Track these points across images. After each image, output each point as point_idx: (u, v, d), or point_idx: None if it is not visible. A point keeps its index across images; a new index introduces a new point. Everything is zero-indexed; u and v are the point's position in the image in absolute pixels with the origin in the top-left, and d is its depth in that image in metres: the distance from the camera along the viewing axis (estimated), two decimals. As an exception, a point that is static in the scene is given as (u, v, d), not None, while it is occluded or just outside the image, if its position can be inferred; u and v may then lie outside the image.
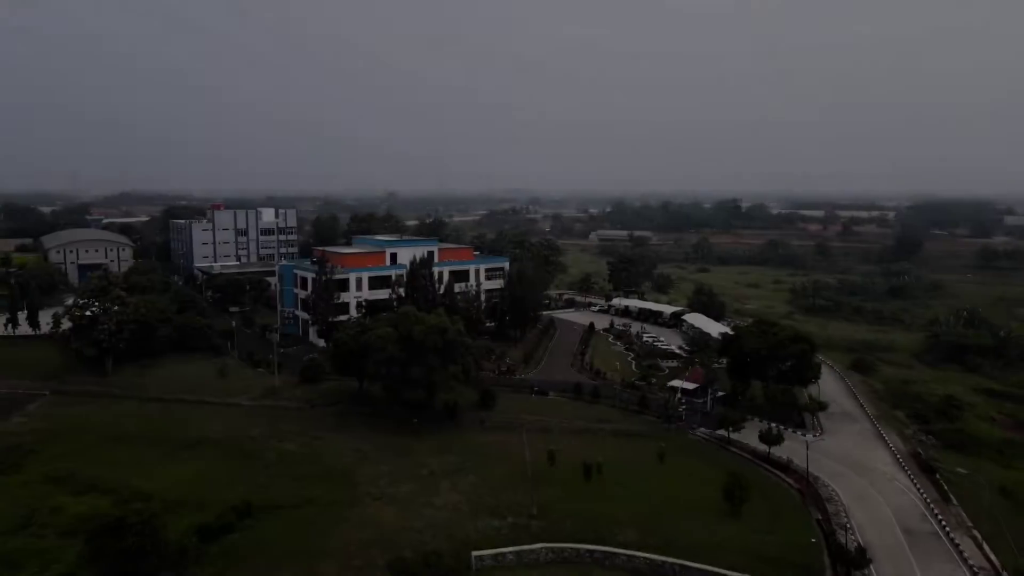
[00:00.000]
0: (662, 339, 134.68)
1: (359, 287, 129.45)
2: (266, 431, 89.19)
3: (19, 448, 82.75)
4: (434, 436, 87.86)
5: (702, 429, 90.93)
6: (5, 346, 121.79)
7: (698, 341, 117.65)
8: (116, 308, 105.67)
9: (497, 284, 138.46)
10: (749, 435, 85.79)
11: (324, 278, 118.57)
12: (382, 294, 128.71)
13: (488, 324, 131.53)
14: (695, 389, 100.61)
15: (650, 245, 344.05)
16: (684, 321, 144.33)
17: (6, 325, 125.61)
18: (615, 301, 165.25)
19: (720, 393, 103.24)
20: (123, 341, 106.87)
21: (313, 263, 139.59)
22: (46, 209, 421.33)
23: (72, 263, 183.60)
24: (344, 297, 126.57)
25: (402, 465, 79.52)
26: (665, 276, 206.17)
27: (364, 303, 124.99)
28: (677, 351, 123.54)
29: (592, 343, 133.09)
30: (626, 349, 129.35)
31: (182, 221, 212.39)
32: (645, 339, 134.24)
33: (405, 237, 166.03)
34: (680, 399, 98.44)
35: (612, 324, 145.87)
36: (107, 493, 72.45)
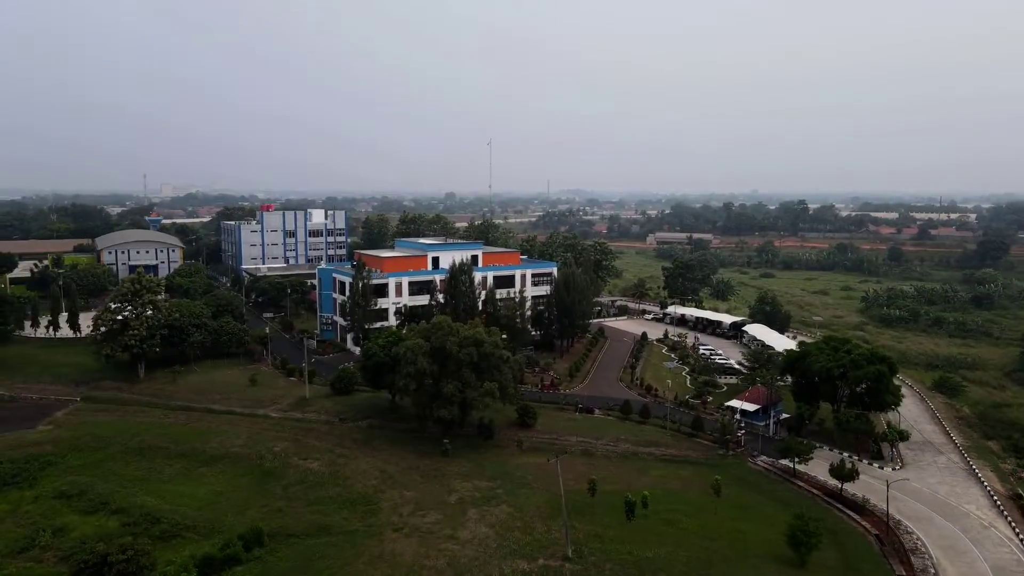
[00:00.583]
0: (720, 352, 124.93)
1: (399, 292, 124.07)
2: (291, 447, 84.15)
3: (38, 459, 79.72)
4: (466, 457, 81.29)
5: (763, 457, 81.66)
6: (46, 349, 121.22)
7: (760, 356, 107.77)
8: (148, 313, 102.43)
9: (544, 291, 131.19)
10: (818, 466, 76.27)
11: (361, 283, 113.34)
12: (423, 300, 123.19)
13: (533, 333, 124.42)
14: (756, 411, 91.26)
15: (710, 248, 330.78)
16: (745, 332, 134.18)
17: (47, 327, 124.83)
18: (670, 309, 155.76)
19: (784, 415, 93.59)
20: (155, 346, 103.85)
21: (352, 266, 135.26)
22: (115, 210, 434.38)
23: (123, 264, 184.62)
24: (383, 303, 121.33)
25: (429, 490, 73.07)
26: (725, 282, 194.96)
27: (403, 309, 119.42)
28: (736, 366, 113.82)
29: (644, 355, 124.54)
30: (680, 363, 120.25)
31: (232, 222, 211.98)
32: (701, 352, 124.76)
33: (449, 240, 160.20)
34: (739, 421, 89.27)
35: (666, 334, 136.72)
36: (117, 513, 68.72)
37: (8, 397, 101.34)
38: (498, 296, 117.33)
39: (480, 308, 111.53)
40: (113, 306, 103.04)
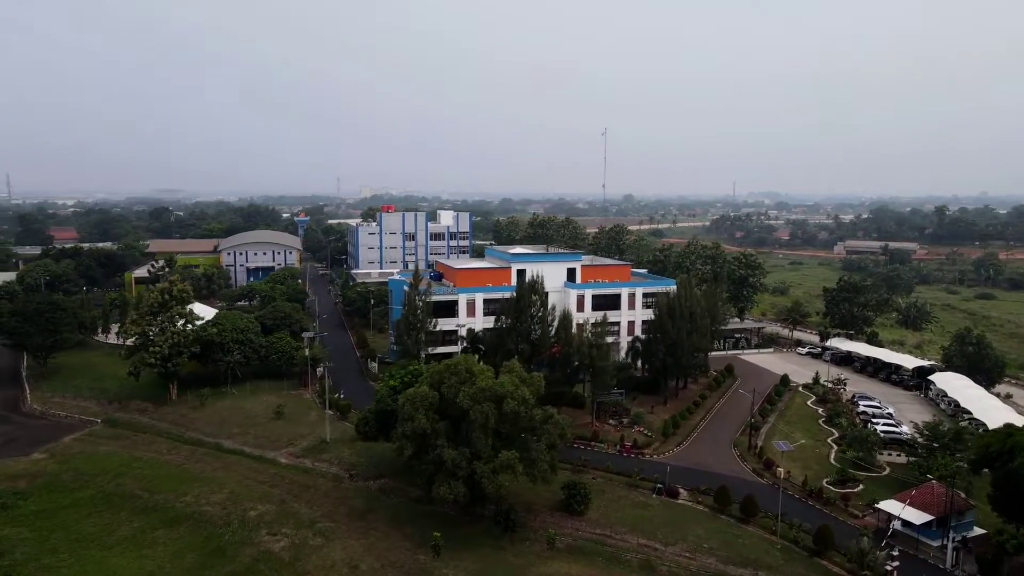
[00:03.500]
0: (890, 411, 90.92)
1: (471, 312, 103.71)
2: (272, 511, 67.04)
3: (-5, 501, 68.69)
4: (471, 556, 58.97)
5: (928, 613, 51.15)
6: (109, 357, 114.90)
7: (941, 431, 73.92)
8: (173, 328, 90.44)
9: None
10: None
11: (416, 299, 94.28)
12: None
13: (634, 370, 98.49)
14: (926, 523, 59.92)
15: (912, 259, 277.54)
16: (932, 384, 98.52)
17: (118, 335, 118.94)
18: (832, 343, 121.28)
19: (973, 532, 61.22)
20: (180, 365, 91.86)
21: (432, 279, 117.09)
22: (287, 212, 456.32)
23: (241, 266, 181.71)
24: (449, 323, 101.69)
25: (394, 611, 51.74)
26: (918, 305, 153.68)
27: (470, 332, 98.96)
28: (908, 437, 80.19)
29: (779, 408, 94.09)
30: (828, 421, 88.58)
31: (354, 223, 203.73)
32: (861, 409, 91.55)
33: (552, 250, 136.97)
34: (890, 545, 58.64)
35: (817, 378, 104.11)
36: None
37: (39, 412, 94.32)
38: (594, 321, 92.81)
39: (553, 336, 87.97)
40: (136, 316, 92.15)
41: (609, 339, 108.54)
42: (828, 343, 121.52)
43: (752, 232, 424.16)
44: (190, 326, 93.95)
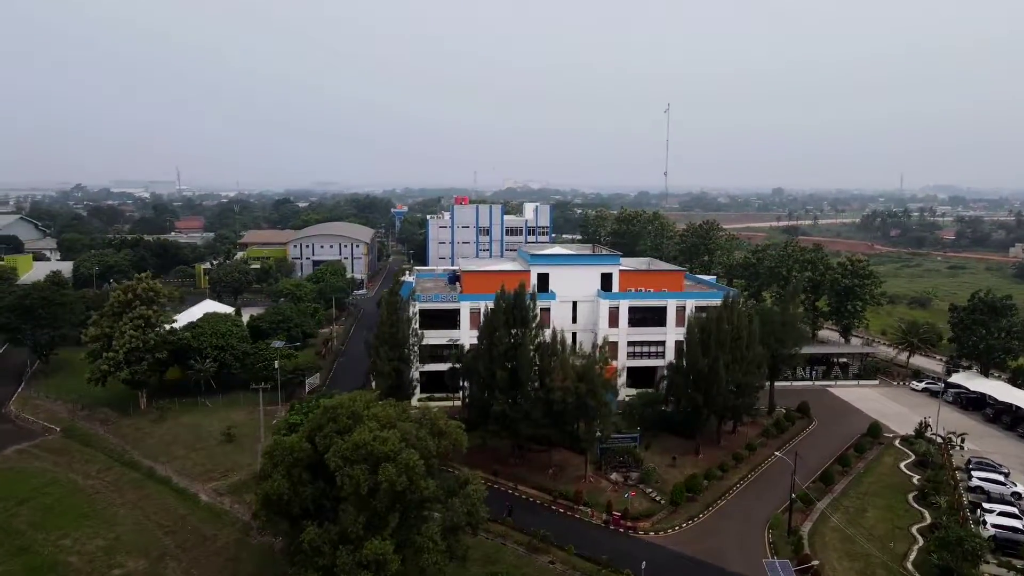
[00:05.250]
0: (1020, 490, 64.38)
1: (475, 323, 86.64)
2: (137, 572, 54.37)
3: None
4: None
5: None
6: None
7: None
8: (130, 332, 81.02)
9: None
10: None
11: (398, 304, 78.92)
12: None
13: (666, 406, 77.69)
14: None
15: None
16: (1092, 450, 70.07)
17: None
18: (959, 379, 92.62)
19: None
20: (140, 373, 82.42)
21: (449, 281, 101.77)
22: (406, 204, 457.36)
23: (307, 259, 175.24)
24: (438, 337, 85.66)
25: None
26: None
27: (458, 350, 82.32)
28: (1038, 537, 54.68)
29: (857, 469, 69.98)
30: (921, 498, 63.72)
31: (433, 216, 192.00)
32: (976, 482, 65.51)
33: (590, 250, 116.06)
34: None
35: (924, 426, 77.93)
36: None
37: (14, 415, 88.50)
38: (598, 343, 73.47)
39: (550, 366, 69.12)
40: (94, 317, 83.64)
41: (650, 362, 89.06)
42: (953, 378, 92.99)
43: (910, 230, 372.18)
44: (161, 329, 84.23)
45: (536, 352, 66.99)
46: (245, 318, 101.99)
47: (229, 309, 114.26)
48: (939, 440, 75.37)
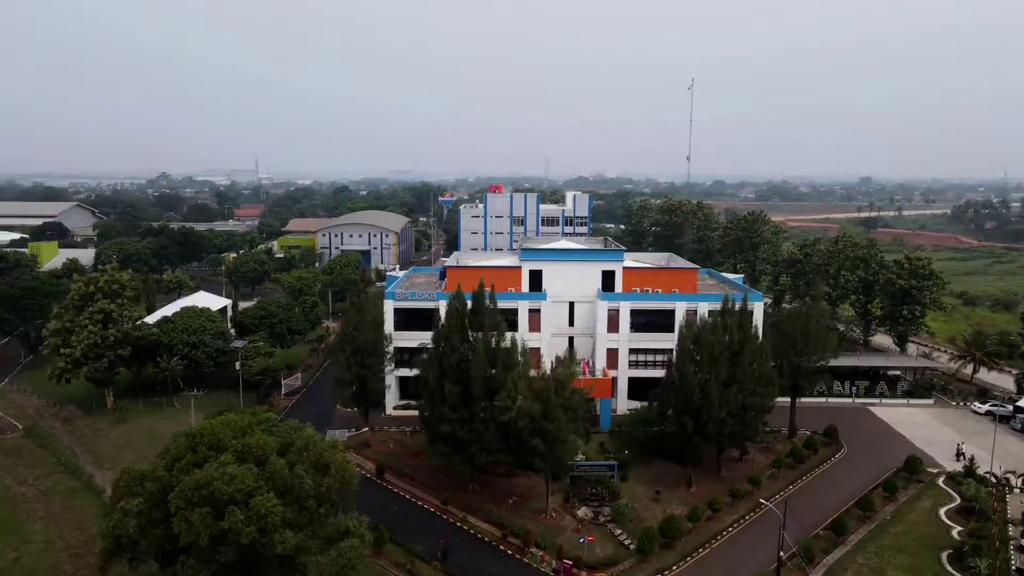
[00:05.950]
0: (1091, 554, 51.04)
1: (457, 325, 78.08)
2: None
3: None
4: None
5: None
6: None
7: None
8: (89, 328, 76.34)
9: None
10: None
11: (359, 307, 71.22)
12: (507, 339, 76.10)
13: (659, 427, 66.99)
14: None
15: None
16: None
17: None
18: (1030, 402, 77.72)
19: None
20: (99, 371, 77.78)
21: (443, 277, 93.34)
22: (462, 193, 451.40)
23: (336, 248, 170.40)
24: (408, 339, 77.45)
25: None
26: None
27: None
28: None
29: (884, 513, 57.78)
30: (958, 559, 51.19)
31: (463, 206, 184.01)
32: (1030, 543, 52.48)
33: (588, 246, 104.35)
34: None
35: (973, 465, 64.46)
36: None
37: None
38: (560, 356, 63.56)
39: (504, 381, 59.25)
40: (57, 310, 79.41)
41: (655, 373, 78.49)
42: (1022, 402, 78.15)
43: (1007, 223, 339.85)
44: (124, 324, 79.34)
45: (492, 364, 57.63)
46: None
47: (225, 302, 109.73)
48: (993, 480, 62.00)
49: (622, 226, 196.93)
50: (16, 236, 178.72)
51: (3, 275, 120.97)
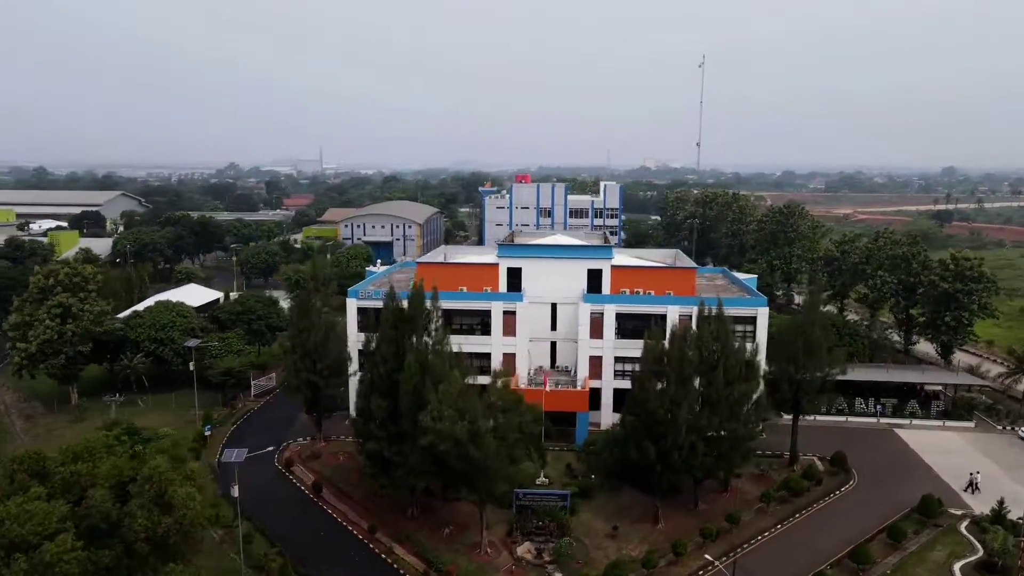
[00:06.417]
0: None
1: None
2: None
3: None
4: None
5: None
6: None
7: None
8: (47, 322, 73.27)
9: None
10: None
11: (306, 308, 65.49)
12: (479, 344, 69.59)
13: (629, 449, 58.72)
14: None
15: None
16: None
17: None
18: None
19: None
20: (55, 368, 74.75)
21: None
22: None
23: (358, 239, 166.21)
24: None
25: None
26: None
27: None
28: None
29: (885, 566, 48.36)
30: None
31: (487, 196, 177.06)
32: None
33: (572, 243, 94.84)
34: None
35: (1003, 508, 53.92)
36: None
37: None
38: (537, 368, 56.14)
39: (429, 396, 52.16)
40: (17, 303, 76.57)
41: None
42: (1080, 429, 66.25)
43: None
44: (84, 320, 76.00)
45: (423, 375, 50.68)
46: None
47: (216, 295, 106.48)
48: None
49: (657, 218, 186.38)
50: (53, 224, 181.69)
51: (18, 264, 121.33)
